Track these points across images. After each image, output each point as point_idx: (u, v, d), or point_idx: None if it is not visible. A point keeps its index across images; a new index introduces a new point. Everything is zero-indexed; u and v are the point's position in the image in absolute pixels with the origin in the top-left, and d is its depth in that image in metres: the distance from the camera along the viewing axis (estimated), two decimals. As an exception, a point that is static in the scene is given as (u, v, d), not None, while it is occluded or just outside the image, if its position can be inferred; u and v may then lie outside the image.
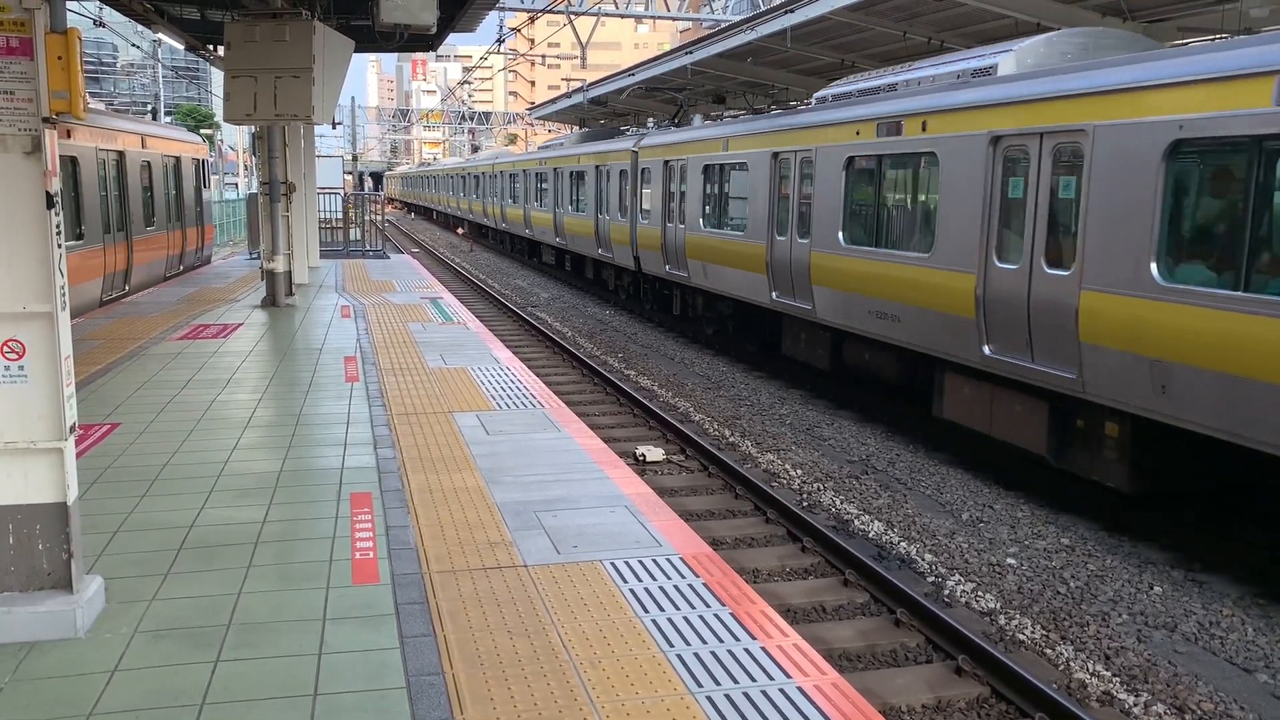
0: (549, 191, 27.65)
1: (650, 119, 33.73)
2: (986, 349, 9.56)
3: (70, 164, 14.52)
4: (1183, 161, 7.66)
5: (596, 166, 23.06)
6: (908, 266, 10.76)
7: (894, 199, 11.63)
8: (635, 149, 20.47)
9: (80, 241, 14.80)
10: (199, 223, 22.98)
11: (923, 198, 10.98)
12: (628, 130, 25.78)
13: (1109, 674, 6.19)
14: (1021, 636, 6.69)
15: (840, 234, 12.23)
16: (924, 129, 10.50)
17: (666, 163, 18.48)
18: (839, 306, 12.31)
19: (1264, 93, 6.83)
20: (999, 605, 7.17)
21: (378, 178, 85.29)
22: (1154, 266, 7.70)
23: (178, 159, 21.21)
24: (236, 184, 65.66)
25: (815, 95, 14.17)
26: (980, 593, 7.38)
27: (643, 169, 19.94)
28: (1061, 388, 8.64)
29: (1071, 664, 6.31)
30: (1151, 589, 7.49)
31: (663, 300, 20.29)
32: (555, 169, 26.95)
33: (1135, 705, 5.84)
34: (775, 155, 13.98)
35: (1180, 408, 7.45)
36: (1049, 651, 6.49)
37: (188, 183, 21.89)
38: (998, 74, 10.15)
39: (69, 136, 14.43)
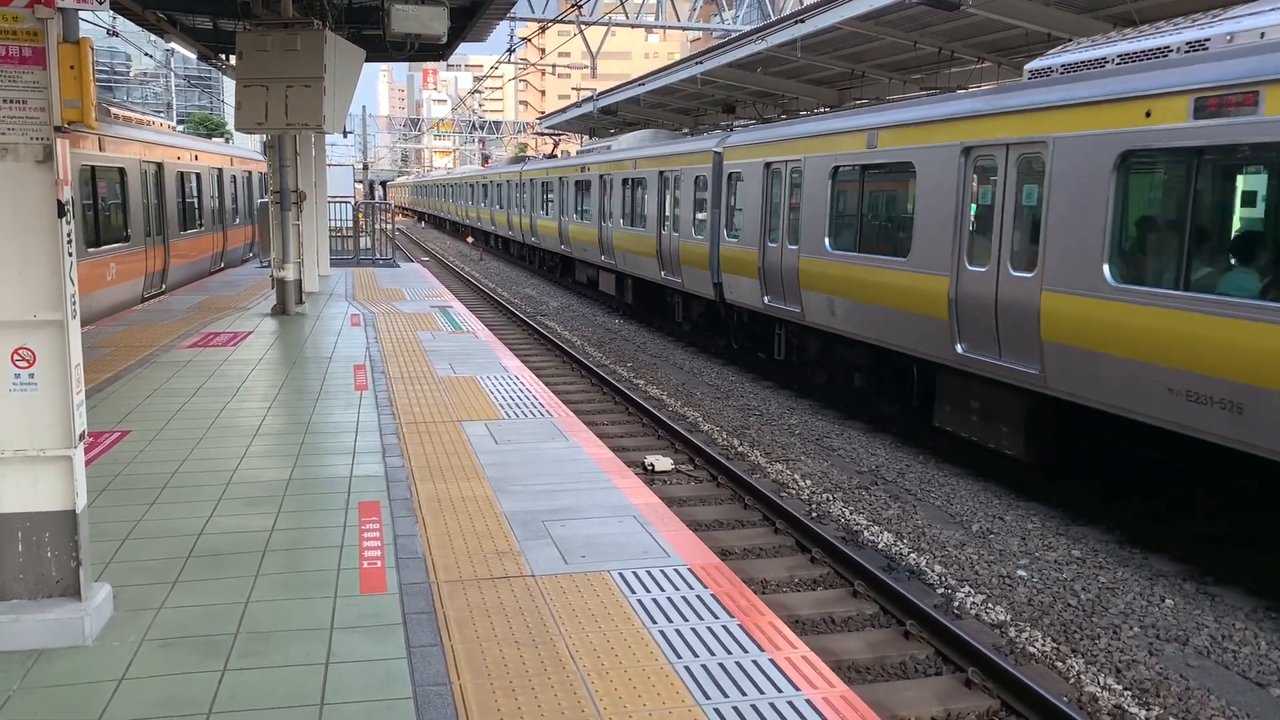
0: (490, 196, 41.30)
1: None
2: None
3: (196, 178, 21.34)
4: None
5: (509, 181, 36.16)
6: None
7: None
8: (521, 171, 34.17)
9: (201, 229, 21.63)
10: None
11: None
12: (527, 159, 40.65)
13: (1120, 687, 6.15)
14: (1032, 649, 6.65)
15: (571, 217, 27.14)
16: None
17: (531, 181, 32.28)
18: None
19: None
20: (1009, 617, 7.13)
21: (383, 186, 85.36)
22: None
23: (250, 173, 28.30)
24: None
25: (579, 150, 28.71)
26: (990, 605, 7.34)
27: (527, 183, 32.97)
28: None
29: (1082, 677, 6.27)
30: (1163, 601, 7.43)
31: (540, 260, 33.99)
32: (493, 182, 40.09)
33: (1147, 719, 5.80)
34: (561, 180, 27.88)
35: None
36: (1060, 664, 6.45)
37: (255, 191, 28.97)
38: (611, 149, 23.63)
39: (195, 159, 21.27)
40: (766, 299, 14.41)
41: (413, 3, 12.21)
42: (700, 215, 17.17)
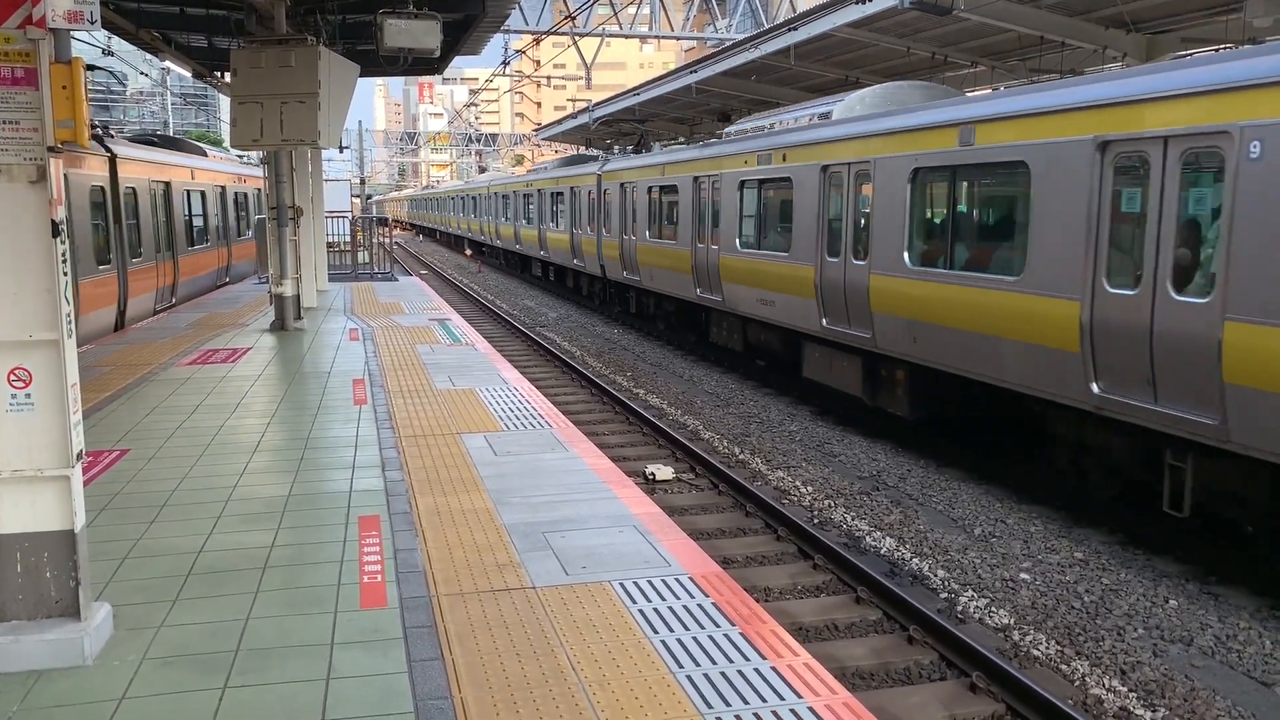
0: (459, 207, 47.95)
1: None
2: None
3: (247, 195, 27.63)
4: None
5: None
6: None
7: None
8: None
9: (248, 237, 26.78)
10: None
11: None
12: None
13: (1125, 689, 6.13)
14: (1036, 652, 6.63)
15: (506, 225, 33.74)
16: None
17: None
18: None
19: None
20: (1013, 621, 7.11)
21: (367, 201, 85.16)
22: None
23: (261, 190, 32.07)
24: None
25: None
26: (994, 608, 7.32)
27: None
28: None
29: (1087, 679, 6.25)
30: (1167, 602, 7.42)
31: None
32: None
33: (1152, 721, 5.78)
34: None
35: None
36: (1064, 667, 6.43)
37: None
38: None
39: (243, 182, 27.27)
40: None
41: (405, 17, 12.24)
42: None
